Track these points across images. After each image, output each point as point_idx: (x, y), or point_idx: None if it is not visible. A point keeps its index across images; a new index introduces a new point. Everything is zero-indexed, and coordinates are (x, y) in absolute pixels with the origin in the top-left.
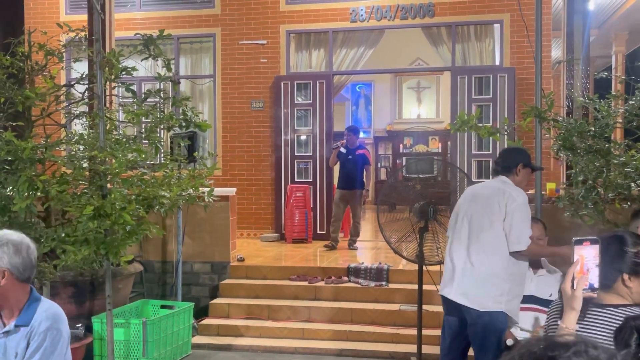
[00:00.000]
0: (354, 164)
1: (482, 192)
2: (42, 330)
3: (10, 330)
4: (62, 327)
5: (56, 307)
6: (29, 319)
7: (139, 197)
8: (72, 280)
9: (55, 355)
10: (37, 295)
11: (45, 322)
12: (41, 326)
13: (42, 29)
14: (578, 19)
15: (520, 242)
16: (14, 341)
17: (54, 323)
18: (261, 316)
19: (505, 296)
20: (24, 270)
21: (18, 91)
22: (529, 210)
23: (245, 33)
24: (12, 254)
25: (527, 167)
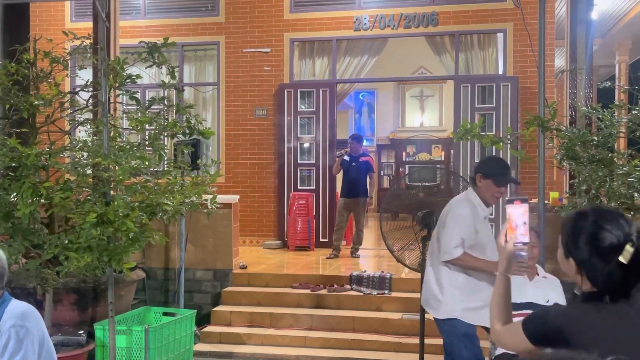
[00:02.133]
0: (358, 172)
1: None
2: (6, 328)
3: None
4: (28, 324)
5: (24, 307)
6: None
7: (142, 204)
8: (75, 286)
9: (24, 351)
10: (6, 297)
11: (9, 320)
12: (5, 325)
13: (48, 37)
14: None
15: (446, 252)
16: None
17: (19, 320)
18: (263, 324)
19: (459, 304)
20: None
21: (23, 98)
22: (464, 221)
23: (249, 41)
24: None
25: (488, 179)
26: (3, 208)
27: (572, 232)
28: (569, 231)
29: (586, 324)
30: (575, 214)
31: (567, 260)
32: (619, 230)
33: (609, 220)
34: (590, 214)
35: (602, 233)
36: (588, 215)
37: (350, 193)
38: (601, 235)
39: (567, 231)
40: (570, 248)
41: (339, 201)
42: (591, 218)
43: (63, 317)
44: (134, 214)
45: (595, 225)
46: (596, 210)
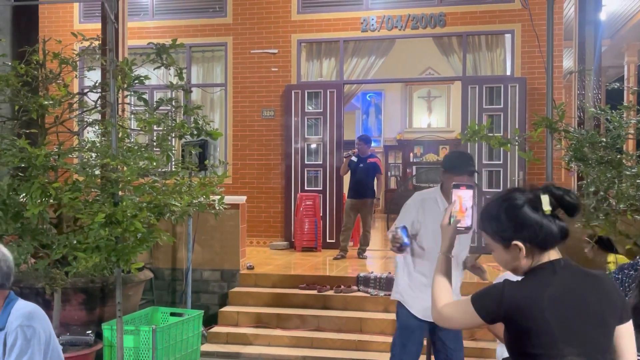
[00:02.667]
0: (365, 173)
1: None
2: (14, 328)
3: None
4: (35, 324)
5: (31, 307)
6: (4, 322)
7: (150, 205)
8: (83, 287)
9: (31, 351)
10: (12, 297)
11: (16, 320)
12: (13, 325)
13: (57, 38)
14: (590, 29)
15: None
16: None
17: (26, 320)
18: (270, 324)
19: (398, 287)
20: (3, 279)
21: (32, 99)
22: (407, 209)
23: (256, 42)
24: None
25: (447, 172)
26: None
27: (495, 218)
28: (493, 220)
29: (540, 298)
30: (485, 208)
31: (508, 248)
32: (523, 192)
33: (512, 192)
34: (494, 202)
35: (513, 202)
36: (494, 203)
37: (357, 194)
38: (514, 204)
39: (491, 222)
40: (505, 233)
41: (346, 202)
42: (497, 202)
43: (71, 317)
44: (142, 214)
45: (505, 202)
46: (498, 196)
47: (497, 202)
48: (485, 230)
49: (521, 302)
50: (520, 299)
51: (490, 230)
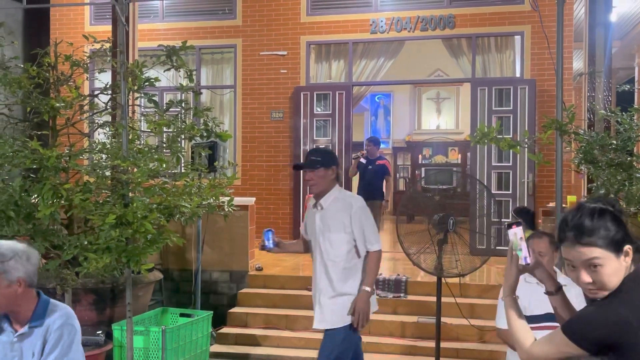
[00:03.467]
0: (374, 175)
1: None
2: (57, 326)
3: (25, 332)
4: (74, 323)
5: (66, 306)
6: (43, 319)
7: (160, 206)
8: (94, 287)
9: (73, 349)
10: (45, 298)
11: (60, 319)
12: (56, 323)
13: (68, 40)
14: (600, 31)
15: (377, 241)
16: (30, 343)
17: (68, 319)
18: (279, 326)
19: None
20: (34, 276)
21: (44, 101)
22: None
23: (265, 44)
24: (25, 263)
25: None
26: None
27: (605, 227)
28: (603, 229)
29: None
30: (591, 221)
31: (620, 256)
32: (605, 201)
33: (602, 201)
34: (595, 214)
35: (616, 207)
36: (598, 214)
37: (366, 196)
38: (618, 208)
39: (603, 231)
40: (618, 239)
41: None
42: (600, 212)
43: (81, 317)
44: (152, 215)
45: (605, 210)
46: (590, 207)
47: (599, 212)
48: (597, 242)
49: (621, 320)
50: (621, 317)
51: (603, 242)
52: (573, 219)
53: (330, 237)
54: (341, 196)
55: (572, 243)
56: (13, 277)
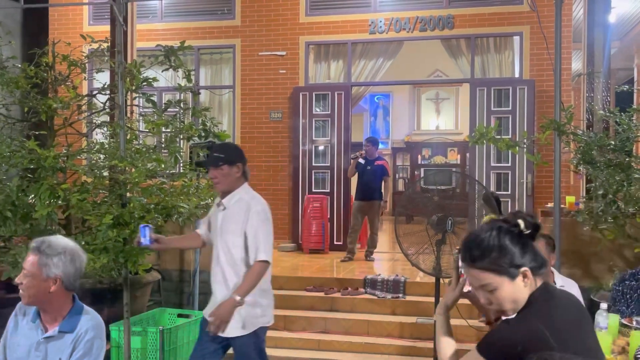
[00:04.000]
0: (373, 175)
1: None
2: (88, 338)
3: (54, 335)
4: (104, 337)
5: (99, 317)
6: (74, 326)
7: (157, 207)
8: (91, 287)
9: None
10: (80, 304)
11: (92, 331)
12: (88, 334)
13: (66, 40)
14: (599, 31)
15: (268, 251)
16: (57, 347)
17: (99, 332)
18: (277, 326)
19: (269, 310)
20: (74, 280)
21: (41, 101)
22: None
23: (264, 44)
24: (67, 263)
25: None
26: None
27: (498, 249)
28: (496, 251)
29: (552, 322)
30: (481, 244)
31: (515, 279)
32: (502, 220)
33: (497, 221)
34: (488, 235)
35: (510, 228)
36: (490, 235)
37: (364, 196)
38: (512, 229)
39: (495, 254)
40: (514, 261)
41: (354, 204)
42: (492, 233)
43: None
44: (149, 216)
45: (500, 230)
46: (486, 229)
47: (491, 233)
48: (489, 267)
49: (535, 334)
50: (534, 331)
51: (497, 265)
52: (470, 241)
53: (227, 240)
54: (246, 197)
55: (467, 265)
56: (51, 272)
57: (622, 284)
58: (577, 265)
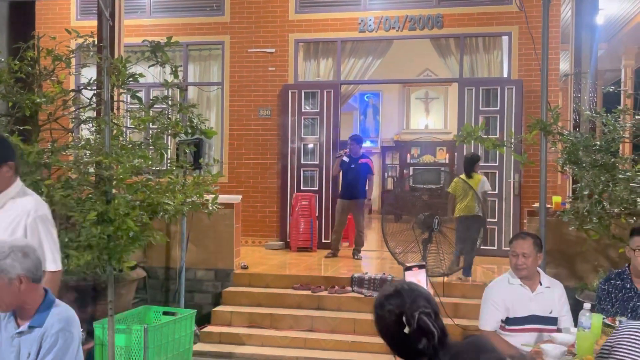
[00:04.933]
0: (357, 173)
1: None
2: (54, 332)
3: (24, 331)
4: (74, 330)
5: (70, 310)
6: (43, 321)
7: (143, 204)
8: (75, 285)
9: (67, 357)
10: (51, 298)
11: (58, 324)
12: (54, 328)
13: (53, 34)
14: (586, 33)
15: (57, 260)
16: (27, 342)
17: (67, 325)
18: (263, 325)
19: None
20: (36, 271)
21: (26, 95)
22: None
23: (254, 41)
24: (21, 259)
25: None
26: None
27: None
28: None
29: None
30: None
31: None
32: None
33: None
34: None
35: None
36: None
37: (349, 194)
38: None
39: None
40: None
41: (338, 202)
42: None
43: None
44: (134, 213)
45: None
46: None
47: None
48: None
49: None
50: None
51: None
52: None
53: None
54: (20, 200)
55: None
56: (12, 274)
57: (608, 282)
58: (562, 265)
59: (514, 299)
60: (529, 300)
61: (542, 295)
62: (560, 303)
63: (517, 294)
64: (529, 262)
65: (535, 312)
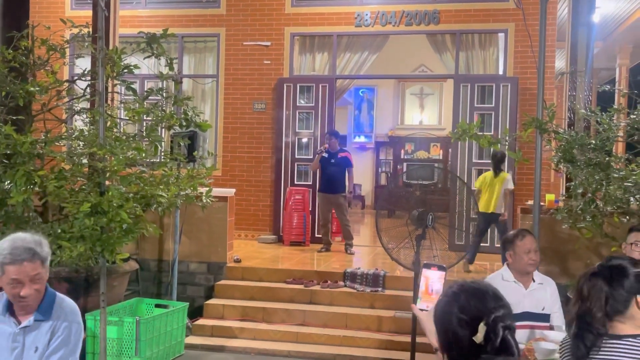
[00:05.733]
0: (337, 168)
1: None
2: (65, 325)
3: (30, 325)
4: (80, 321)
5: (73, 303)
6: (49, 314)
7: (136, 196)
8: (67, 276)
9: (78, 347)
10: (52, 291)
11: (69, 316)
12: (65, 321)
13: (48, 24)
14: (582, 31)
15: None
16: (34, 336)
17: (75, 317)
18: (256, 318)
19: None
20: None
21: (19, 85)
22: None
23: (249, 34)
24: (47, 251)
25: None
26: None
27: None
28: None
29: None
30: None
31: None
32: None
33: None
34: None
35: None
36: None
37: (329, 189)
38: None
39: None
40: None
41: (319, 197)
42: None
43: None
44: (128, 204)
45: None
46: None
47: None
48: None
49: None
50: None
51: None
52: None
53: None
54: None
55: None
56: (47, 265)
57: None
58: (555, 262)
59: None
60: (523, 297)
61: (535, 292)
62: (552, 300)
63: (511, 291)
64: (537, 257)
65: (528, 309)
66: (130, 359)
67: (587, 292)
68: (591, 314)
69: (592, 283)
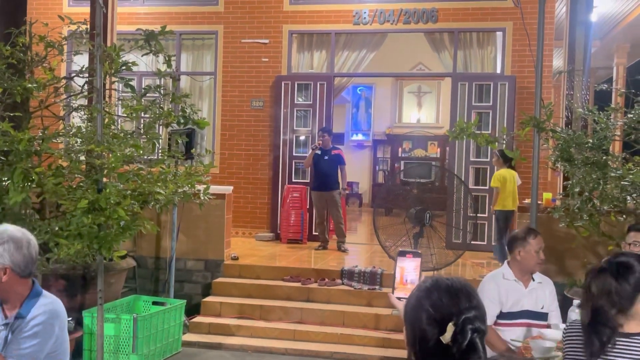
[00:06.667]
0: (330, 165)
1: None
2: (37, 323)
3: (10, 322)
4: (55, 323)
5: (56, 303)
6: (27, 311)
7: (134, 193)
8: (64, 273)
9: (46, 350)
10: (38, 290)
11: (41, 316)
12: (37, 319)
13: (45, 20)
14: (580, 30)
15: None
16: (12, 333)
17: (49, 318)
18: (253, 316)
19: None
20: (25, 266)
21: (17, 82)
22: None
23: (247, 31)
24: (13, 251)
25: None
26: None
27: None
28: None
29: None
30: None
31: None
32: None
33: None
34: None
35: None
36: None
37: (322, 186)
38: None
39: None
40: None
41: (312, 195)
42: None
43: None
44: (125, 202)
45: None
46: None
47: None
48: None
49: None
50: None
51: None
52: None
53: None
54: None
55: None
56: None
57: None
58: (552, 261)
59: (508, 294)
60: (522, 295)
61: (534, 291)
62: (551, 299)
63: (511, 289)
64: (542, 254)
65: (527, 307)
66: (127, 356)
67: (596, 289)
68: (605, 310)
69: (601, 279)
